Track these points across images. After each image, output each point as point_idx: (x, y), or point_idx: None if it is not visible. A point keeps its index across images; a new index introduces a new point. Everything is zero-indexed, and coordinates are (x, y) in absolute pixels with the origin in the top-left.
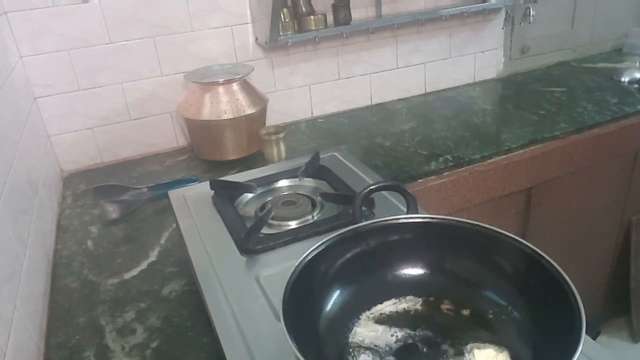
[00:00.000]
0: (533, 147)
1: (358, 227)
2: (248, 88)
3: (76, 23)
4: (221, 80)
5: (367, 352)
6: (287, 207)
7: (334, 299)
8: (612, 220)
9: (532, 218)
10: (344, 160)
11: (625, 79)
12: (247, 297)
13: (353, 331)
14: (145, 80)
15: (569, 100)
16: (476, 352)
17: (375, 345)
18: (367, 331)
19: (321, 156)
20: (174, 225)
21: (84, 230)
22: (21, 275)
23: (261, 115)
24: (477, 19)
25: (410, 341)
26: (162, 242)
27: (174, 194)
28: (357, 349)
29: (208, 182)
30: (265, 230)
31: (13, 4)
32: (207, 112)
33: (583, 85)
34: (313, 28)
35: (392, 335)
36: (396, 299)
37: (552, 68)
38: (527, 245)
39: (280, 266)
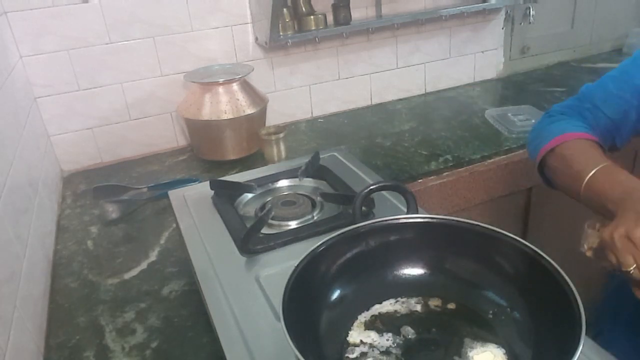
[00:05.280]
0: None
1: (358, 227)
2: (248, 88)
3: (76, 23)
4: (221, 80)
5: (367, 351)
6: (287, 207)
7: (334, 299)
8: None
9: (532, 218)
10: (344, 160)
11: None
12: (247, 297)
13: (352, 331)
14: (145, 80)
15: None
16: (475, 357)
17: (375, 346)
18: (364, 332)
19: (321, 156)
20: (174, 225)
21: (84, 230)
22: (21, 275)
23: (261, 115)
24: (477, 19)
25: (407, 339)
26: (162, 242)
27: (174, 194)
28: (356, 348)
29: (208, 182)
30: (265, 230)
31: (13, 4)
32: (207, 112)
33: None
34: (313, 28)
35: (390, 337)
36: (395, 299)
37: (552, 68)
38: (527, 245)
39: (280, 266)
